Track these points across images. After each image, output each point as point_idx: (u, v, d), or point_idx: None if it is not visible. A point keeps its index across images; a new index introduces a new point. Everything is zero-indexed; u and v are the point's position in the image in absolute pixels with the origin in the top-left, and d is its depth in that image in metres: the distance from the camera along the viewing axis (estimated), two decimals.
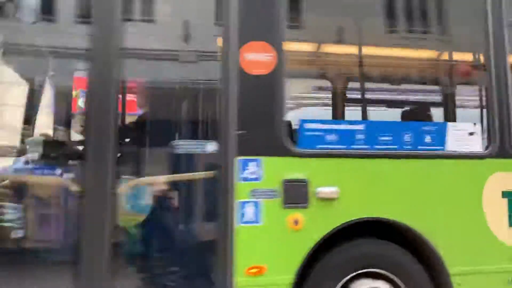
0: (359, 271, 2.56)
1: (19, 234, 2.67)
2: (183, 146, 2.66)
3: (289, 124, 2.62)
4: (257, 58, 2.53)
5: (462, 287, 2.62)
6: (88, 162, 2.26)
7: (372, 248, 2.59)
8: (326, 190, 2.50)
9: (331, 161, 2.57)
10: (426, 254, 2.66)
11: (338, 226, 2.51)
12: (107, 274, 2.25)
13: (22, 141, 3.24)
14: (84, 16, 2.45)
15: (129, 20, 2.47)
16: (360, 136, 2.64)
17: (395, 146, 2.67)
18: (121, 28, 2.39)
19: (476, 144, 2.80)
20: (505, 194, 2.77)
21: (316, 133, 2.59)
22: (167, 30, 2.71)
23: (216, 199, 2.43)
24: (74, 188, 2.29)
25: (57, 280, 2.24)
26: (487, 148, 2.81)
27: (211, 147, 2.54)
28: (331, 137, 2.61)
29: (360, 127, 2.66)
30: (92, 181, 2.25)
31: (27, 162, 3.13)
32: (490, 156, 2.77)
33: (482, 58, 2.99)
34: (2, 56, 2.81)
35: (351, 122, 2.71)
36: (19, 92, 3.47)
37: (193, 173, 2.65)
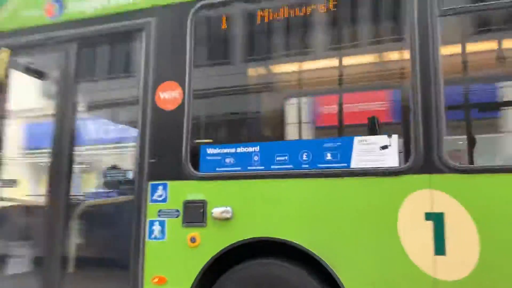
0: None
1: None
2: (112, 173, 3.24)
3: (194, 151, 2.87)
4: (167, 96, 2.94)
5: None
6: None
7: (261, 269, 2.60)
8: (219, 210, 2.68)
9: (227, 183, 2.73)
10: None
11: (231, 244, 2.64)
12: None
13: None
14: None
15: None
16: (255, 158, 2.71)
17: (291, 166, 2.62)
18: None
19: (391, 159, 2.46)
20: (429, 216, 2.34)
21: (215, 157, 2.80)
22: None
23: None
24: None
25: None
26: (406, 162, 2.43)
27: (131, 174, 3.04)
28: (229, 160, 2.77)
29: (256, 148, 2.73)
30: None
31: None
32: (409, 171, 2.40)
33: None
34: None
35: (247, 145, 2.77)
36: None
37: (118, 197, 3.19)
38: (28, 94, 4.31)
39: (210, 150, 2.83)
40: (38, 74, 3.76)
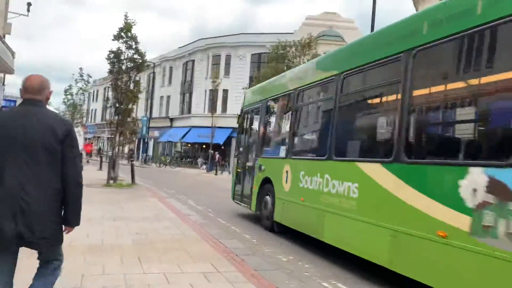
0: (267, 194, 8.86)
1: None
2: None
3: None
4: None
5: (281, 205, 8.00)
6: None
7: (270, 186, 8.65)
8: (262, 167, 9.07)
9: (265, 159, 9.08)
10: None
11: (264, 178, 8.93)
12: None
13: None
14: None
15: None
16: (270, 151, 9.08)
17: (274, 155, 8.68)
18: None
19: (284, 153, 8.11)
20: (286, 172, 7.74)
21: (264, 151, 9.32)
22: None
23: None
24: None
25: None
26: (286, 155, 7.96)
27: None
28: (266, 152, 9.25)
29: (270, 148, 9.20)
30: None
31: None
32: (286, 158, 7.91)
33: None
34: None
35: (268, 146, 9.22)
36: None
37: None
38: None
39: (263, 149, 9.37)
40: None
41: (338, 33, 38.42)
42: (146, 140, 50.04)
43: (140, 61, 16.03)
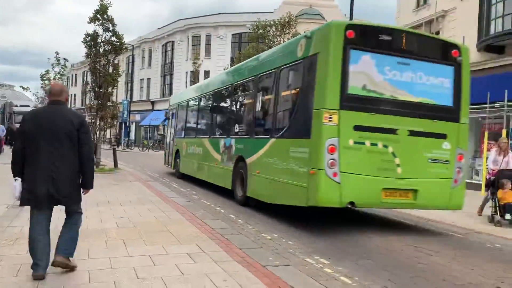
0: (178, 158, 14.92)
1: None
2: None
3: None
4: None
5: (182, 162, 14.68)
6: None
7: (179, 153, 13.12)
8: (175, 143, 15.11)
9: (177, 139, 14.81)
10: None
11: (176, 149, 14.94)
12: None
13: None
14: None
15: None
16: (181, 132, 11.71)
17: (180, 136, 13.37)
18: None
19: (182, 135, 11.95)
20: (184, 144, 13.43)
21: (177, 133, 14.41)
22: None
23: None
24: None
25: None
26: (183, 136, 10.96)
27: None
28: (178, 134, 14.24)
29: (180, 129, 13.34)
30: None
31: None
32: (183, 137, 12.33)
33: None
34: None
35: (179, 128, 13.79)
36: None
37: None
38: None
39: (176, 132, 14.85)
40: None
41: (317, 12, 38.23)
42: (127, 124, 49.56)
43: (118, 43, 15.82)
